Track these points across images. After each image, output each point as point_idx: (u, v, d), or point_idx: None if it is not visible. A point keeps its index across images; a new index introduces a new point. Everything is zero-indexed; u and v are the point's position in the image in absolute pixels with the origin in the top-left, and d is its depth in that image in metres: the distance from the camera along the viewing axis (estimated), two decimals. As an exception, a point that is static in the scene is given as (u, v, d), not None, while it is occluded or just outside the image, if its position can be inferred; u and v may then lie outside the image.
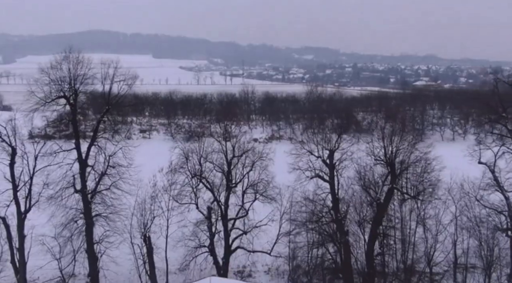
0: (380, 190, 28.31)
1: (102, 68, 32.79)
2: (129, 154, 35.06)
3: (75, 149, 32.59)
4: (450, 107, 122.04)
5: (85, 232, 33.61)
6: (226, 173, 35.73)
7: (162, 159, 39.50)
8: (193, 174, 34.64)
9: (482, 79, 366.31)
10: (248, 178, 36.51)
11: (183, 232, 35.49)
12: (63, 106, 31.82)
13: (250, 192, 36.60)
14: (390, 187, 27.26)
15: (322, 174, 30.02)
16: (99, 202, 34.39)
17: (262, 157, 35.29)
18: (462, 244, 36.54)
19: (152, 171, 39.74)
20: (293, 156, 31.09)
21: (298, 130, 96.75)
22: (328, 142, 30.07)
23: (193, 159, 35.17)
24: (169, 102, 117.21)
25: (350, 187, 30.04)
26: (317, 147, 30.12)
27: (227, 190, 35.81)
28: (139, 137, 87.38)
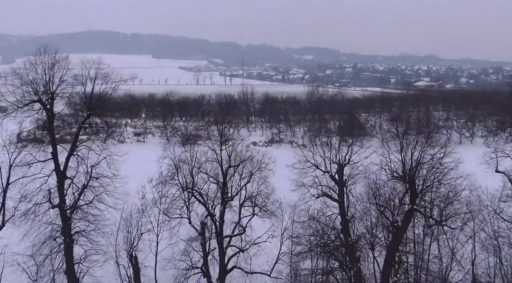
0: (398, 210, 24.71)
1: (83, 69, 29.34)
2: (114, 164, 31.66)
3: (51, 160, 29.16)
4: (454, 108, 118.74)
5: (64, 251, 30.19)
6: (222, 185, 32.35)
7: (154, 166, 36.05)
8: (184, 187, 31.25)
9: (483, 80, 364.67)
10: (245, 190, 33.14)
11: (174, 251, 32.11)
12: (38, 111, 28.38)
13: (248, 206, 33.25)
14: (410, 208, 23.56)
15: (330, 192, 26.47)
16: (80, 218, 30.97)
17: (261, 167, 31.89)
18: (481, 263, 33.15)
19: (141, 180, 36.46)
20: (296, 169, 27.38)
21: (299, 133, 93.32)
22: (336, 153, 26.43)
23: (184, 169, 31.77)
24: (166, 104, 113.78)
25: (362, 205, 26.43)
26: (324, 160, 26.56)
27: (222, 204, 32.42)
28: (133, 140, 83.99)
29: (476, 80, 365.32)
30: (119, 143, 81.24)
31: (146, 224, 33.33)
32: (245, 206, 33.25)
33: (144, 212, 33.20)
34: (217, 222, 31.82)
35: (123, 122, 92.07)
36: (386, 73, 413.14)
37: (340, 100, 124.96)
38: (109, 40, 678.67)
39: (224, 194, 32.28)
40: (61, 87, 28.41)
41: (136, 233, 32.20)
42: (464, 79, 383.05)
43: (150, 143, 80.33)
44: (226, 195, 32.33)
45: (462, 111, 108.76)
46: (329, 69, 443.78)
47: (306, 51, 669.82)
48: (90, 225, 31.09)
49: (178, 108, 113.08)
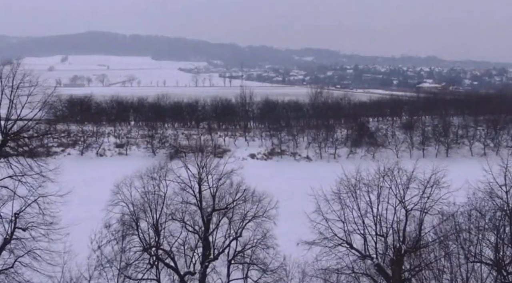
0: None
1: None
2: (50, 208, 22.30)
3: None
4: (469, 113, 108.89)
5: None
6: (202, 238, 22.97)
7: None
8: (146, 246, 21.81)
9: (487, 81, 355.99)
10: (236, 241, 23.81)
11: None
12: None
13: (239, 263, 23.91)
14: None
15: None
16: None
17: (257, 216, 22.50)
18: None
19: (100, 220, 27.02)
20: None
21: (302, 142, 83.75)
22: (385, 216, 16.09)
23: (148, 219, 22.34)
24: (157, 109, 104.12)
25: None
26: (364, 235, 16.29)
27: (202, 264, 23.03)
28: (114, 153, 74.40)
29: (479, 81, 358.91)
30: (97, 157, 71.89)
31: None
32: (235, 263, 23.95)
33: (95, 276, 23.83)
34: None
35: (106, 131, 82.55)
36: (388, 75, 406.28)
37: (346, 105, 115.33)
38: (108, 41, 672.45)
39: (206, 251, 22.91)
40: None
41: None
42: (468, 80, 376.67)
43: (133, 155, 70.93)
44: (209, 252, 22.96)
45: (479, 117, 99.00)
46: (330, 70, 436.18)
47: (306, 53, 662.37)
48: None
49: (171, 114, 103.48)
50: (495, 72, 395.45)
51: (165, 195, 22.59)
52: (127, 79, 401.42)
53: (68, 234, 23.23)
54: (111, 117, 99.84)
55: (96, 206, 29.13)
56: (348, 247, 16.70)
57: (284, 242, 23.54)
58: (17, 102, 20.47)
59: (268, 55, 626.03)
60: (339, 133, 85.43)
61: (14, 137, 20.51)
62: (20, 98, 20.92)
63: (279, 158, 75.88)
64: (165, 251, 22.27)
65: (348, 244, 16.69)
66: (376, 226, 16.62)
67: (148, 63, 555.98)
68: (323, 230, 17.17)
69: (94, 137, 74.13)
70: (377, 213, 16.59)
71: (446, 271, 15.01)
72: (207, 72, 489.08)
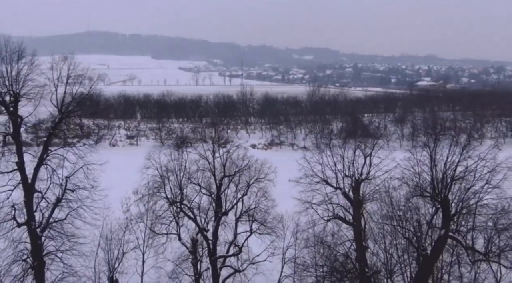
0: (426, 235, 20.37)
1: (54, 68, 25.41)
2: (92, 174, 27.74)
3: (17, 171, 25.24)
4: (460, 108, 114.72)
5: (34, 275, 26.27)
6: (215, 198, 28.47)
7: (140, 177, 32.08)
8: (172, 201, 27.33)
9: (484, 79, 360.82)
10: (242, 203, 29.25)
11: (161, 274, 28.22)
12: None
13: (245, 221, 29.35)
14: (443, 234, 19.10)
15: (344, 213, 22.24)
16: (52, 236, 27.03)
17: (259, 178, 27.98)
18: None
19: (127, 190, 32.56)
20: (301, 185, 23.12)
21: (300, 134, 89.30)
22: (349, 165, 22.20)
23: (172, 181, 27.85)
24: (162, 105, 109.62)
25: (380, 228, 22.22)
26: (336, 174, 22.39)
27: (215, 219, 28.54)
28: (126, 144, 79.90)
29: (477, 79, 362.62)
30: (110, 147, 77.32)
31: (130, 242, 29.52)
32: (241, 221, 29.40)
33: (127, 228, 29.38)
34: (210, 240, 27.93)
35: (116, 124, 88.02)
36: (387, 73, 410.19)
37: (342, 101, 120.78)
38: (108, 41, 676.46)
39: (218, 208, 28.40)
40: (27, 87, 24.51)
41: (118, 252, 28.38)
42: (465, 78, 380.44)
43: (144, 146, 76.29)
44: (220, 209, 28.45)
45: (469, 112, 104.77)
46: (329, 69, 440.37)
47: (306, 52, 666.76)
48: (64, 244, 27.14)
49: (175, 109, 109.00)
50: (493, 70, 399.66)
51: (186, 163, 28.07)
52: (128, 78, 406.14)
53: (107, 195, 28.74)
54: (118, 112, 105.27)
55: (127, 174, 34.81)
56: (324, 183, 22.47)
57: (281, 200, 29.09)
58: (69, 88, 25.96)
59: (267, 54, 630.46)
60: (335, 126, 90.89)
61: (68, 114, 25.99)
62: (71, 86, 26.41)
63: (278, 149, 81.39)
64: (186, 205, 27.74)
65: (324, 181, 22.46)
66: (344, 168, 22.57)
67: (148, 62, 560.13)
68: (307, 172, 23.01)
69: (106, 130, 79.56)
70: (347, 160, 22.58)
71: (392, 200, 21.44)
72: (207, 71, 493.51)
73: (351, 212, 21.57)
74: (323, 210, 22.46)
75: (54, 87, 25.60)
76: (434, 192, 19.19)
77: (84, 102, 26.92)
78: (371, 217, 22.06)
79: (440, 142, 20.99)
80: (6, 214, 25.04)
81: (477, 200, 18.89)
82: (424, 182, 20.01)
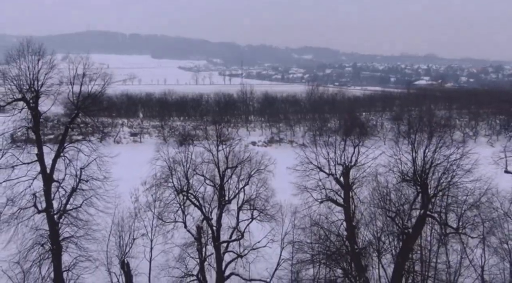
0: (408, 216, 22.90)
1: (70, 67, 27.60)
2: (105, 165, 29.94)
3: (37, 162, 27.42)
4: (457, 107, 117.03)
5: (52, 258, 28.46)
6: (218, 188, 30.67)
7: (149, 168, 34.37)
8: (179, 190, 29.55)
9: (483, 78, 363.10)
10: (244, 192, 31.44)
11: (168, 257, 30.43)
12: (20, 110, 26.65)
13: (246, 209, 31.56)
14: (422, 214, 21.72)
15: (335, 196, 24.70)
16: (68, 223, 29.25)
17: (260, 169, 30.19)
18: (492, 267, 31.41)
19: (134, 183, 34.81)
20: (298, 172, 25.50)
21: (299, 132, 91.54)
22: (341, 154, 24.65)
23: (179, 171, 30.07)
24: (164, 103, 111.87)
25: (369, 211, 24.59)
26: (328, 162, 24.78)
27: (219, 207, 30.74)
28: (129, 141, 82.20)
29: (476, 79, 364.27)
30: (115, 144, 79.54)
31: (139, 229, 31.74)
32: (243, 209, 31.59)
33: (137, 216, 31.59)
34: (214, 227, 30.13)
35: (120, 122, 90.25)
36: (386, 72, 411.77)
37: (341, 99, 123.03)
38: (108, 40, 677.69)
39: (221, 197, 30.60)
40: (46, 85, 26.69)
41: (129, 238, 30.57)
42: (464, 78, 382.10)
43: (147, 143, 78.57)
44: (224, 198, 30.66)
45: (464, 110, 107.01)
46: (329, 68, 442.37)
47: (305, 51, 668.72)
48: (79, 230, 29.38)
49: (176, 108, 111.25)
50: (492, 69, 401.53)
51: (192, 155, 30.28)
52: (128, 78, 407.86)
53: (118, 186, 30.93)
54: (121, 111, 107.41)
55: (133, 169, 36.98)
56: (318, 170, 24.79)
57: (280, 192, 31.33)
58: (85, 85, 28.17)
59: (267, 53, 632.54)
60: (333, 123, 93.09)
61: (84, 109, 28.18)
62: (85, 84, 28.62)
63: (278, 145, 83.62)
64: (192, 194, 29.93)
65: (318, 168, 24.78)
66: (336, 157, 24.91)
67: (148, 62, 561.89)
68: (302, 160, 25.37)
69: (110, 127, 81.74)
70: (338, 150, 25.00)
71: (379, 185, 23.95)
72: (207, 70, 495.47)
73: (342, 196, 23.93)
74: (317, 194, 24.83)
75: (71, 85, 27.83)
76: (415, 176, 21.63)
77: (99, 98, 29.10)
78: (359, 199, 24.45)
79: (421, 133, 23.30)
80: (28, 202, 27.24)
81: (449, 182, 21.26)
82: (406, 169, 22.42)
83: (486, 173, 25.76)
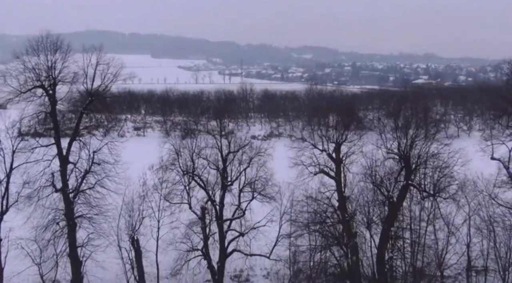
0: (393, 187, 25.40)
1: (84, 56, 29.90)
2: (115, 150, 32.30)
3: (54, 145, 29.72)
4: (453, 103, 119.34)
5: (67, 234, 30.78)
6: (221, 171, 32.96)
7: (154, 157, 36.71)
8: (184, 171, 31.84)
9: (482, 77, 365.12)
10: (245, 175, 33.73)
11: (175, 234, 32.73)
12: (39, 97, 28.96)
13: (247, 191, 33.84)
14: (405, 184, 24.30)
15: (328, 170, 27.14)
16: (82, 202, 31.59)
17: (260, 152, 32.49)
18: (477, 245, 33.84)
19: (141, 169, 37.05)
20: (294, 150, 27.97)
21: (298, 127, 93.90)
22: (334, 134, 27.10)
23: (184, 155, 32.40)
24: (165, 100, 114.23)
25: (359, 184, 27.09)
26: (322, 139, 27.22)
27: (222, 189, 33.02)
28: (133, 134, 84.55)
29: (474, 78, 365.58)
30: (119, 137, 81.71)
31: (147, 209, 34.03)
32: (244, 191, 33.87)
33: (145, 197, 33.86)
34: (217, 206, 32.41)
35: (123, 117, 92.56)
36: (385, 72, 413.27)
37: (339, 96, 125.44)
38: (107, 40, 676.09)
39: (224, 179, 32.87)
40: (63, 73, 28.98)
41: (138, 217, 32.85)
42: (463, 77, 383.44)
43: (150, 137, 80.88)
44: (226, 180, 32.94)
45: (460, 106, 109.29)
46: (328, 67, 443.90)
47: (305, 51, 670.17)
48: (92, 209, 31.69)
49: (178, 104, 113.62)
50: (490, 68, 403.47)
51: (196, 139, 32.64)
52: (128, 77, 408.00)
53: (128, 168, 33.23)
54: (123, 107, 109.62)
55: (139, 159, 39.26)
56: (312, 146, 27.24)
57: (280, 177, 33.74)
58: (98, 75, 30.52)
59: (267, 53, 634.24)
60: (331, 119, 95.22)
61: (98, 97, 30.49)
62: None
63: (277, 139, 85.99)
64: (197, 175, 32.24)
65: (312, 145, 27.21)
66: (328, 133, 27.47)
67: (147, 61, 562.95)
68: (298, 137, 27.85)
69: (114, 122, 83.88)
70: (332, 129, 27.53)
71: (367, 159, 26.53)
72: (207, 70, 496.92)
73: (334, 170, 26.32)
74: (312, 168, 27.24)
75: (85, 74, 30.14)
76: (399, 150, 24.06)
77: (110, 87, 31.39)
78: (349, 171, 26.90)
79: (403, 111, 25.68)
80: (46, 181, 29.53)
81: (427, 154, 23.68)
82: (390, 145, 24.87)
83: (465, 147, 28.15)
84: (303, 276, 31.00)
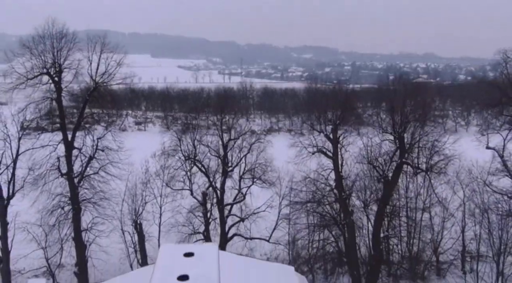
0: (388, 166, 26.32)
1: (89, 43, 30.74)
2: (119, 137, 33.16)
3: (60, 131, 30.55)
4: (451, 100, 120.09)
5: (72, 219, 31.61)
6: (222, 157, 33.82)
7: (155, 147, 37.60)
8: (186, 156, 32.71)
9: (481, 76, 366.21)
10: (245, 162, 34.62)
11: (177, 219, 33.59)
12: (45, 84, 29.78)
13: (248, 177, 34.72)
14: (399, 162, 25.22)
15: (325, 150, 28.03)
16: (87, 187, 32.42)
17: (260, 139, 33.37)
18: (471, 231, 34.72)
19: (144, 157, 37.93)
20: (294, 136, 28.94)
21: (297, 122, 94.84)
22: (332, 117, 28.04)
23: (186, 141, 33.28)
24: (166, 96, 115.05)
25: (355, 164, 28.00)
26: (319, 121, 28.16)
27: (223, 175, 33.89)
28: (134, 129, 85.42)
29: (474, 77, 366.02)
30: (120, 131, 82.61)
31: (150, 195, 34.89)
32: (244, 177, 34.73)
33: (147, 184, 34.71)
34: (218, 191, 33.25)
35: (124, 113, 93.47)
36: (385, 71, 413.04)
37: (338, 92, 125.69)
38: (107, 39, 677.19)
39: (225, 166, 33.74)
40: (68, 61, 29.79)
41: (141, 202, 33.71)
42: (462, 76, 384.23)
43: (151, 131, 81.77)
44: (227, 166, 33.79)
45: (458, 103, 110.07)
46: (328, 67, 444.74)
47: (305, 50, 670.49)
48: (96, 194, 32.51)
49: (178, 101, 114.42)
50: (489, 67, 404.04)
51: (198, 128, 33.55)
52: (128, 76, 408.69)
53: (131, 155, 34.05)
54: (124, 103, 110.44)
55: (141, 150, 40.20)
56: (311, 128, 28.15)
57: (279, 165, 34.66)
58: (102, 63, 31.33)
59: (267, 52, 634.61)
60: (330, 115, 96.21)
61: (102, 84, 31.31)
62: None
63: (277, 134, 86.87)
64: (199, 161, 33.10)
65: (311, 126, 28.14)
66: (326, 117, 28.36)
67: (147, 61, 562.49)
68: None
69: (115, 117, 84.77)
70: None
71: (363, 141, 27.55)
72: (207, 69, 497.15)
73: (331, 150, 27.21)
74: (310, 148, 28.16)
75: (89, 61, 30.96)
76: (393, 130, 24.97)
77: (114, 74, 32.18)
78: (346, 150, 27.85)
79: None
80: (52, 165, 30.35)
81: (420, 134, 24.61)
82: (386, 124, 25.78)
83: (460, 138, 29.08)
84: (301, 261, 31.89)
